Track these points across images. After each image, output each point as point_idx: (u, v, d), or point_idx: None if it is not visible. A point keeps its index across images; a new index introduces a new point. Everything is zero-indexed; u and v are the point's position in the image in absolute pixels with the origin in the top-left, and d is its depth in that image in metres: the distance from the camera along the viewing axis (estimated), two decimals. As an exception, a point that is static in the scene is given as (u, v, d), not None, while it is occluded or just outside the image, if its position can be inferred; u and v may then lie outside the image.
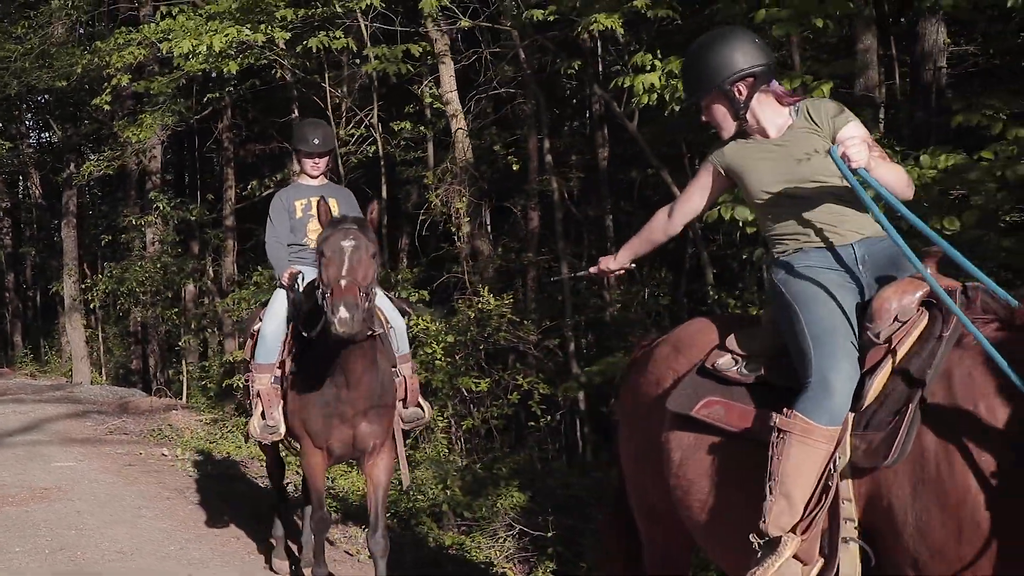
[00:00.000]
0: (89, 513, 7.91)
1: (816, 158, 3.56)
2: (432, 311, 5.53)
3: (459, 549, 7.40)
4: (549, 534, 7.23)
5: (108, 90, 11.99)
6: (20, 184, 26.47)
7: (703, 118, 3.83)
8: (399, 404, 5.93)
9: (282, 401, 5.86)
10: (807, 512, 3.22)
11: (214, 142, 16.95)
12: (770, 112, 3.72)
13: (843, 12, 7.07)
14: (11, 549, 6.76)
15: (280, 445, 6.75)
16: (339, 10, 10.10)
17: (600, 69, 10.15)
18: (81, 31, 16.34)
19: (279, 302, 6.01)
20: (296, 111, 13.79)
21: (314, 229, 6.07)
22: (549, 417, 9.81)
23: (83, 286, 18.91)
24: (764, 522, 3.25)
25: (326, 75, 12.10)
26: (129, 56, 11.35)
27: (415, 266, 12.49)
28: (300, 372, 5.70)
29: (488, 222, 14.17)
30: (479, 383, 9.64)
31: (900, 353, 3.23)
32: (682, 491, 3.69)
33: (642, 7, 7.42)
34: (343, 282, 5.01)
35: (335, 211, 5.93)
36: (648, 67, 6.59)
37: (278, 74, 12.09)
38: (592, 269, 4.16)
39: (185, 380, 16.67)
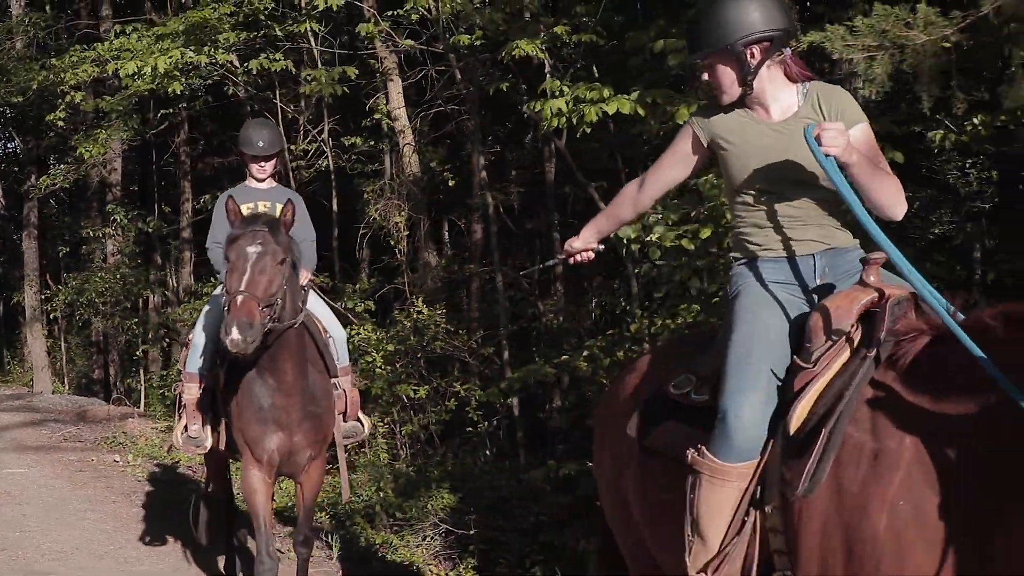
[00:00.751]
0: (34, 516, 8.24)
1: (807, 157, 3.15)
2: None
3: (388, 548, 7.77)
4: (471, 532, 7.61)
5: (62, 106, 12.31)
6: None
7: (704, 76, 3.42)
8: (339, 417, 5.76)
9: (211, 413, 5.69)
10: (721, 549, 3.05)
11: (172, 156, 17.25)
12: (777, 88, 3.33)
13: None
14: (-44, 550, 7.08)
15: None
16: (279, 33, 10.49)
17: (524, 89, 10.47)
18: (38, 46, 16.57)
19: (215, 310, 5.73)
20: (249, 125, 14.11)
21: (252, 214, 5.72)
22: (486, 423, 10.19)
23: (43, 296, 19.11)
24: (688, 563, 3.11)
25: (277, 92, 12.45)
26: (83, 74, 11.66)
27: (370, 277, 12.83)
28: (232, 381, 5.44)
29: (445, 234, 14.62)
30: (418, 390, 10.00)
31: (827, 375, 2.97)
32: (647, 526, 3.51)
33: (562, 33, 7.87)
34: (239, 298, 4.77)
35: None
36: (557, 93, 7.02)
37: (230, 91, 12.40)
38: (560, 256, 3.86)
39: (143, 389, 16.94)
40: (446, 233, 14.02)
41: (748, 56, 3.26)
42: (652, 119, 6.32)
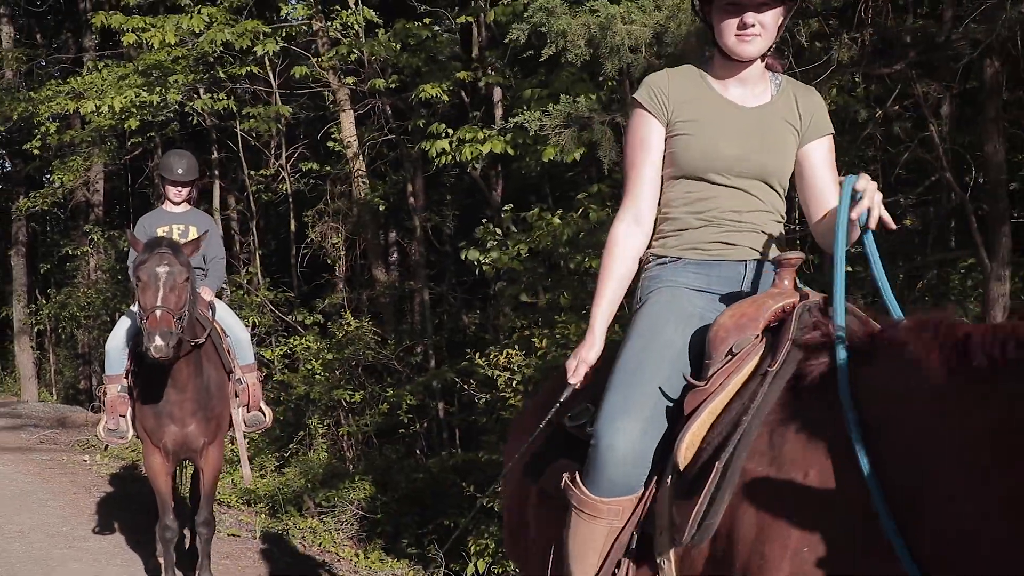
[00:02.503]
0: (4, 506, 9.27)
1: (775, 150, 2.90)
2: None
3: (311, 533, 8.83)
4: (379, 516, 8.67)
5: (37, 136, 13.44)
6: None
7: (750, 19, 2.79)
8: (242, 409, 6.52)
9: (131, 409, 6.30)
10: None
11: (147, 178, 18.35)
12: (756, 69, 2.94)
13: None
14: (-72, 531, 8.15)
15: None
16: (222, 75, 11.62)
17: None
18: (25, 75, 17.70)
19: (123, 322, 6.55)
20: (215, 151, 15.22)
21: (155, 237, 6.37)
22: (417, 424, 11.24)
23: (30, 311, 20.18)
24: None
25: (237, 120, 13.50)
26: (56, 106, 12.78)
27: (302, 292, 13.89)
28: (139, 380, 6.18)
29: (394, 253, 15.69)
30: (354, 395, 11.07)
31: (722, 396, 2.55)
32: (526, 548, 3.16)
33: (466, 79, 8.96)
34: (158, 312, 5.42)
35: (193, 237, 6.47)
36: (442, 134, 8.09)
37: (194, 120, 13.48)
38: (572, 380, 2.90)
39: (119, 397, 17.92)
40: (394, 252, 15.10)
41: (786, 15, 2.90)
42: (528, 156, 7.32)
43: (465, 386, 8.75)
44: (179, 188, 6.78)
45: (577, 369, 2.90)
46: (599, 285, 2.96)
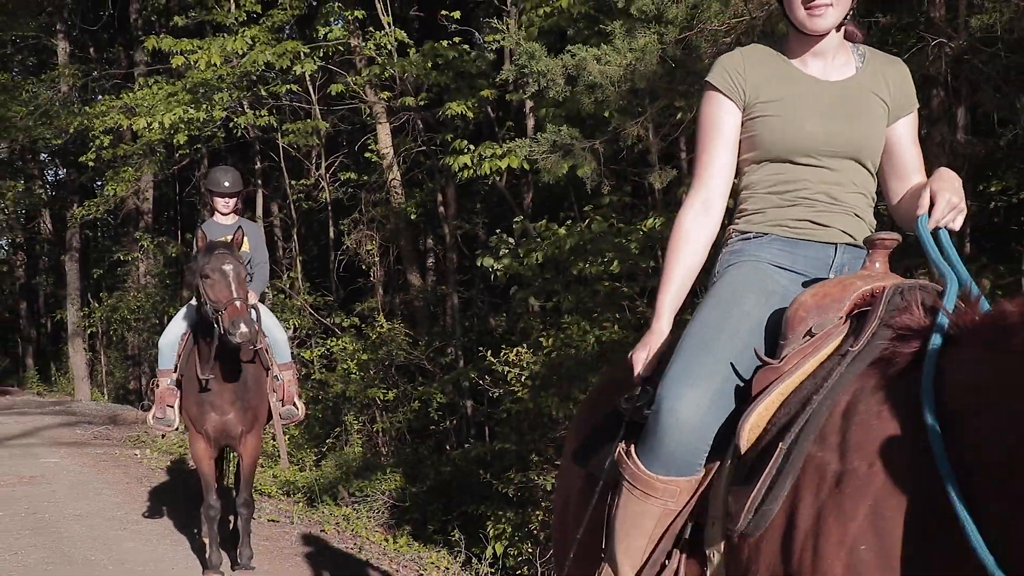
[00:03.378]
0: (61, 492, 10.04)
1: (866, 127, 2.71)
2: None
3: (344, 520, 9.48)
4: (407, 504, 9.31)
5: (92, 149, 14.29)
6: (35, 221, 28.81)
7: None
8: (278, 403, 7.14)
9: (175, 399, 6.99)
10: None
11: (193, 187, 19.19)
12: (837, 40, 2.76)
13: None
14: (-4, 514, 8.92)
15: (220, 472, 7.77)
16: (264, 93, 12.36)
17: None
18: (77, 94, 18.61)
19: (176, 322, 7.25)
20: (258, 161, 15.98)
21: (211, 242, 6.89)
22: (446, 422, 11.88)
23: (83, 314, 21.10)
24: None
25: (279, 132, 14.22)
26: (109, 121, 13.58)
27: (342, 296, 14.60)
28: (186, 374, 6.84)
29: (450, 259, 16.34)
30: (387, 393, 11.74)
31: (795, 376, 2.36)
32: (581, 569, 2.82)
33: (490, 96, 9.58)
34: (237, 303, 6.10)
35: (244, 245, 7.04)
36: (464, 150, 8.72)
37: (238, 132, 14.21)
38: (638, 370, 2.73)
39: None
40: (431, 257, 15.77)
41: None
42: (544, 171, 7.91)
43: (480, 381, 9.37)
44: (226, 200, 7.38)
45: (648, 361, 2.72)
46: (665, 274, 2.77)
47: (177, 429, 7.43)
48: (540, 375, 7.77)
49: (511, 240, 7.87)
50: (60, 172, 26.94)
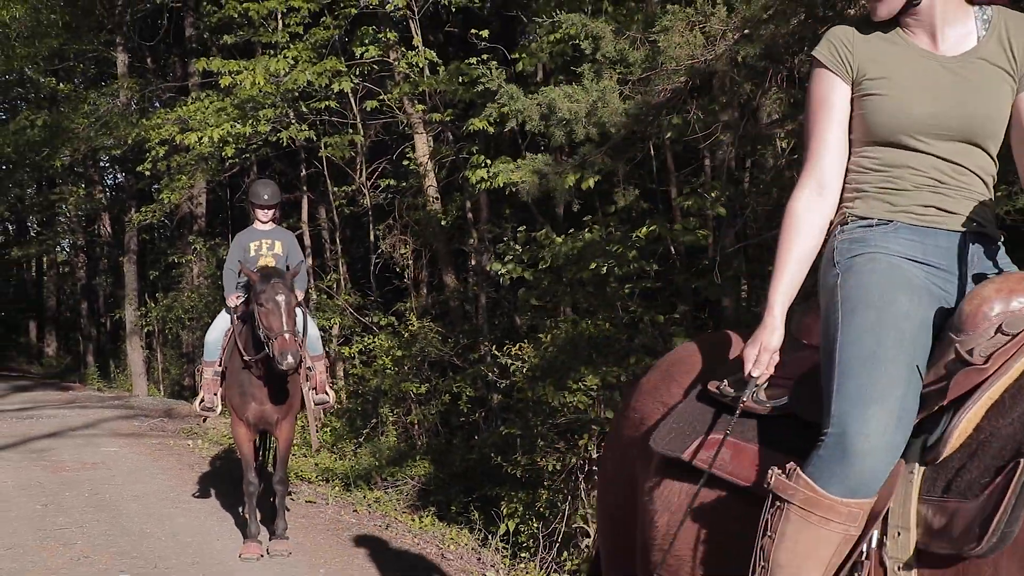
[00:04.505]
0: (120, 476, 11.00)
1: (984, 106, 2.52)
2: None
3: (376, 501, 10.32)
4: (431, 488, 10.13)
5: (148, 159, 15.32)
6: (95, 224, 30.11)
7: None
8: (311, 392, 7.99)
9: (219, 388, 7.92)
10: None
11: (244, 193, 20.18)
12: (950, 7, 2.56)
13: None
14: (63, 494, 9.84)
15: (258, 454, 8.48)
16: (305, 110, 13.27)
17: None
18: (135, 105, 19.72)
19: (221, 318, 8.11)
20: (303, 168, 16.91)
21: (262, 265, 7.81)
22: (475, 414, 12.67)
23: (140, 313, 22.21)
24: None
25: (322, 141, 15.08)
26: (164, 132, 14.59)
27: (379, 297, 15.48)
28: (230, 366, 7.71)
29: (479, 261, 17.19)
30: (420, 387, 12.56)
31: (1003, 381, 2.23)
32: (671, 572, 2.67)
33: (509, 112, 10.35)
34: (287, 336, 6.89)
35: (278, 250, 8.00)
36: (481, 164, 9.50)
37: (283, 142, 15.10)
38: (755, 372, 2.62)
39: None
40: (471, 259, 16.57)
41: None
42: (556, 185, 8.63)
43: (490, 374, 10.19)
44: (265, 211, 8.19)
45: (760, 357, 2.59)
46: (778, 262, 2.64)
47: (220, 413, 8.26)
48: (539, 367, 8.61)
49: (517, 247, 8.74)
50: (119, 177, 28.18)
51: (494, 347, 9.36)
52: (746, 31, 5.43)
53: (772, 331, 2.61)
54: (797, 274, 2.64)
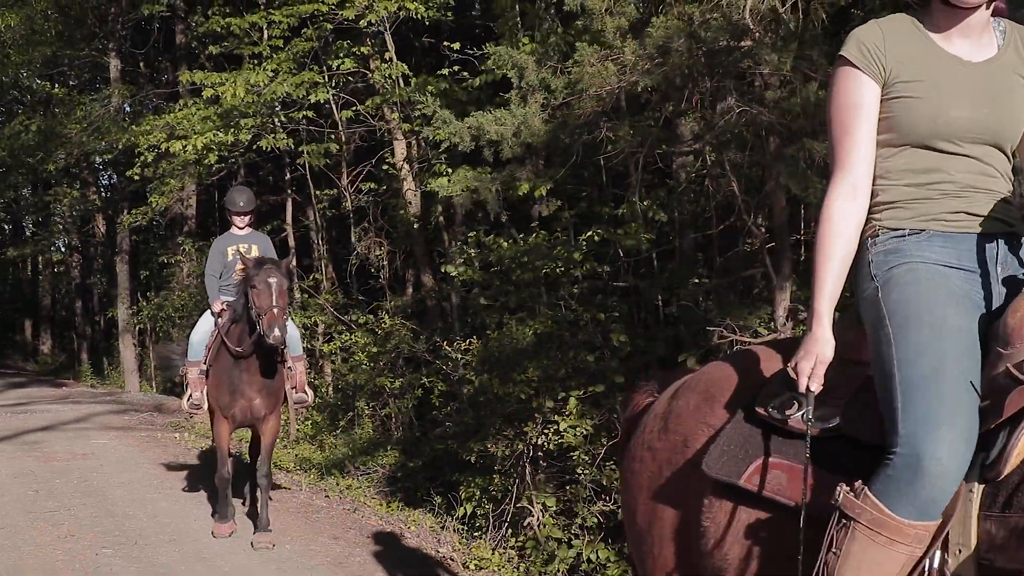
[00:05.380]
0: (109, 465, 11.66)
1: (1008, 111, 2.60)
2: None
3: (347, 488, 10.98)
4: (399, 475, 10.80)
5: (137, 164, 16.00)
6: (89, 224, 30.75)
7: None
8: (291, 391, 8.27)
9: (204, 386, 8.10)
10: None
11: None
12: (983, 17, 2.62)
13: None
14: (54, 481, 10.51)
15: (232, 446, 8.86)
16: (284, 119, 13.98)
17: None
18: (128, 108, 20.39)
19: (205, 320, 8.45)
20: (288, 172, 17.57)
21: (241, 269, 8.00)
22: (447, 407, 13.32)
23: (132, 312, 22.84)
24: None
25: (301, 148, 15.73)
26: (152, 139, 15.25)
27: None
28: (216, 366, 7.94)
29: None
30: (395, 382, 13.23)
31: None
32: None
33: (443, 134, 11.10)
34: (275, 310, 7.24)
35: (255, 253, 8.11)
36: (443, 173, 10.18)
37: (268, 148, 15.74)
38: (813, 386, 2.58)
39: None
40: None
41: None
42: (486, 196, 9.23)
43: (444, 367, 10.89)
44: (242, 216, 8.56)
45: (815, 371, 2.56)
46: (818, 270, 2.61)
47: (204, 409, 8.48)
48: (487, 361, 9.31)
49: (470, 250, 9.46)
50: (113, 178, 28.82)
51: (444, 343, 10.03)
52: (647, 66, 6.13)
53: (825, 343, 2.58)
54: (839, 280, 2.63)
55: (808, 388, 2.57)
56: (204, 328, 8.50)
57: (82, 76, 26.79)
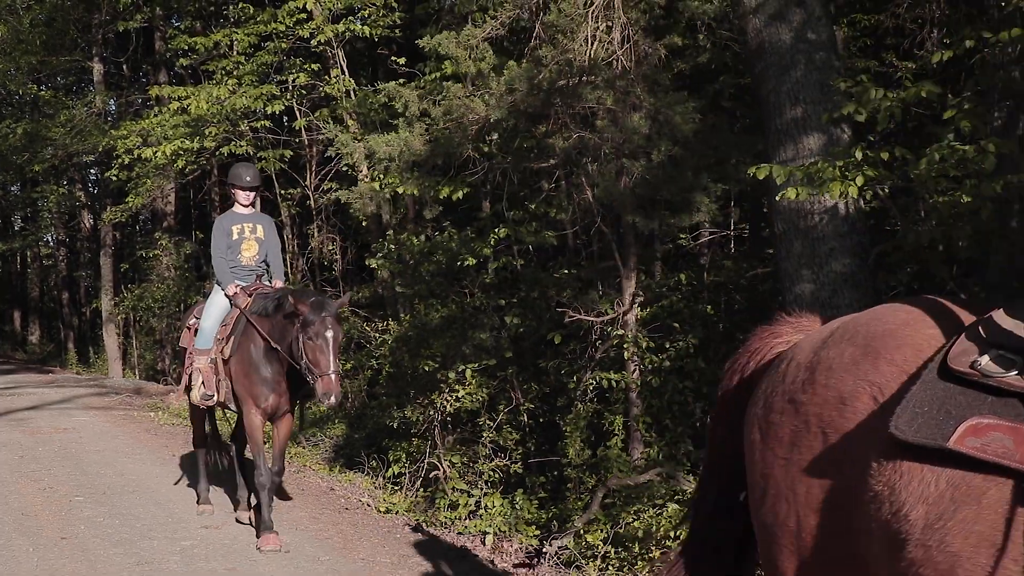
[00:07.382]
0: (87, 439, 13.10)
1: None
2: None
3: (297, 456, 12.45)
4: (343, 444, 12.29)
5: (116, 166, 17.46)
6: (75, 219, 32.11)
7: None
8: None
9: (216, 377, 7.60)
10: None
11: (205, 193, 22.28)
12: None
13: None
14: (37, 449, 11.96)
15: (214, 415, 8.71)
16: (244, 128, 15.45)
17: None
18: (114, 110, 21.81)
19: (216, 304, 7.80)
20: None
21: (247, 248, 7.80)
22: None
23: (115, 303, 24.23)
24: None
25: (263, 153, 17.14)
26: (129, 143, 16.69)
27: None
28: (241, 356, 7.42)
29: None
30: (347, 363, 14.67)
31: None
32: (936, 571, 2.29)
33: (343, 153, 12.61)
34: (333, 376, 6.63)
35: (260, 234, 7.81)
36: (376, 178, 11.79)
37: (230, 153, 17.11)
38: None
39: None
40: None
41: None
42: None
43: (367, 344, 12.45)
44: (247, 193, 7.92)
45: None
46: None
47: (215, 402, 7.96)
48: (401, 339, 10.87)
49: (391, 246, 11.05)
50: (98, 176, 30.20)
51: (364, 324, 11.53)
52: (499, 102, 7.65)
53: None
54: None
55: None
56: (215, 315, 7.93)
57: (67, 79, 28.14)
